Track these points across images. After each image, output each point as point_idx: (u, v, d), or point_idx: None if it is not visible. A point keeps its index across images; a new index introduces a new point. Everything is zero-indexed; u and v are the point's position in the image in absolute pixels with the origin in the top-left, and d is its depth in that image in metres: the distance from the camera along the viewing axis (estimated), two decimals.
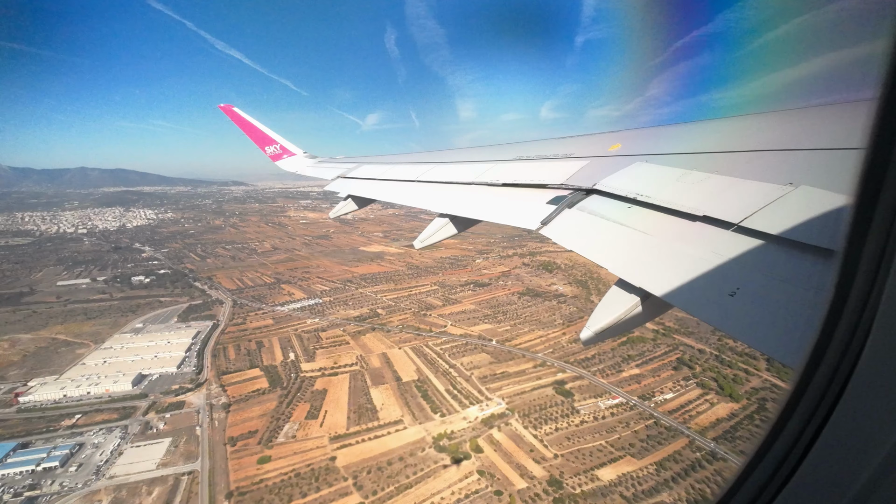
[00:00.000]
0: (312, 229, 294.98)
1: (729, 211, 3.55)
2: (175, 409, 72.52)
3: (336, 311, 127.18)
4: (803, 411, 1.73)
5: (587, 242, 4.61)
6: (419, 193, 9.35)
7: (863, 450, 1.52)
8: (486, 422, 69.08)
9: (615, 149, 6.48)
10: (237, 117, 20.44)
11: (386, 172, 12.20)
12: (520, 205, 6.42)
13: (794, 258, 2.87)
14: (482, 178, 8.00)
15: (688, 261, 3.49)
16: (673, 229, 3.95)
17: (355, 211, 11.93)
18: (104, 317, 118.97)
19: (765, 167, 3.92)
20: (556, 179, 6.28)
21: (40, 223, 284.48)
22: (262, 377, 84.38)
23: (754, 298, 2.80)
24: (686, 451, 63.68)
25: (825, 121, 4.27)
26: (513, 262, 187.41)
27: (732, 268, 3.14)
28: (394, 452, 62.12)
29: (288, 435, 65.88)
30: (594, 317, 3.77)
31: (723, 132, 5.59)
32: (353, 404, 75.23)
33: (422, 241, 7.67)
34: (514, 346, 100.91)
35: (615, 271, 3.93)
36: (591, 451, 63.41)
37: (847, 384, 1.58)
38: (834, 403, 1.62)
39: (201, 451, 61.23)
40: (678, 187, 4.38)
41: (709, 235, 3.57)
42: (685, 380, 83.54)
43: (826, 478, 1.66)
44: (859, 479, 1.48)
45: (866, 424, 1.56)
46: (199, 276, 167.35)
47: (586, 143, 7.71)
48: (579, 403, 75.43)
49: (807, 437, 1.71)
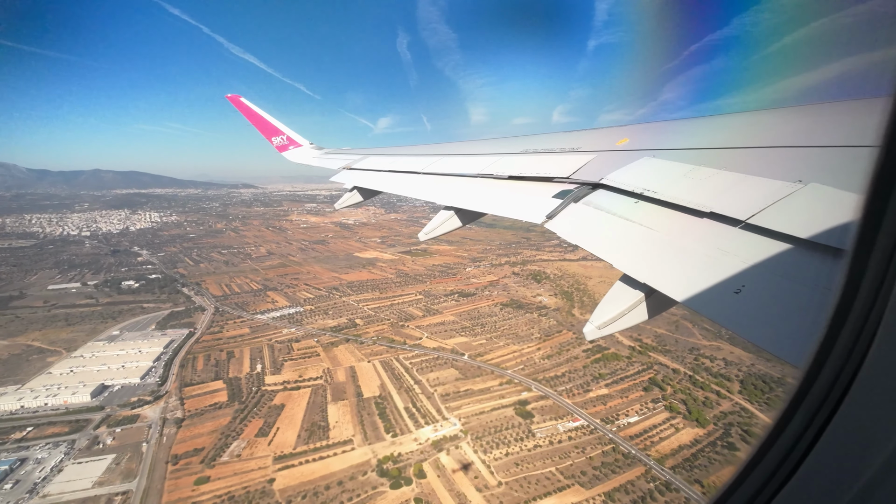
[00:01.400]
0: (312, 234, 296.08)
1: (736, 208, 3.52)
2: (128, 423, 72.18)
3: (315, 320, 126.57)
4: (806, 410, 1.73)
5: (592, 237, 4.60)
6: (424, 185, 9.29)
7: (864, 451, 1.50)
8: (436, 444, 67.29)
9: (623, 143, 6.45)
10: (244, 107, 20.55)
11: (391, 164, 12.08)
12: (525, 198, 6.36)
13: (802, 257, 2.85)
14: (488, 170, 7.93)
15: (693, 257, 3.49)
16: (679, 225, 3.94)
17: (361, 202, 11.84)
18: (84, 323, 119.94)
19: (774, 164, 3.88)
20: (562, 173, 6.26)
21: (46, 225, 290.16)
22: (224, 390, 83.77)
23: (760, 296, 2.81)
24: (640, 482, 61.08)
25: (836, 118, 4.23)
26: (503, 272, 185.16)
27: (738, 265, 3.10)
28: (335, 476, 60.70)
29: (233, 454, 64.94)
30: (598, 312, 3.77)
31: (732, 128, 5.55)
32: (307, 421, 74.09)
33: (426, 234, 7.61)
34: (485, 361, 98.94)
35: (620, 267, 3.89)
36: (539, 478, 61.15)
37: (851, 385, 1.57)
38: (837, 404, 1.61)
39: (141, 470, 60.59)
40: (685, 183, 4.35)
41: (715, 232, 3.55)
42: (654, 402, 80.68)
43: (827, 478, 1.66)
44: (860, 480, 1.47)
45: (869, 426, 1.55)
46: (189, 281, 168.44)
47: (593, 137, 7.62)
48: (537, 426, 73.17)
49: (809, 437, 1.71)
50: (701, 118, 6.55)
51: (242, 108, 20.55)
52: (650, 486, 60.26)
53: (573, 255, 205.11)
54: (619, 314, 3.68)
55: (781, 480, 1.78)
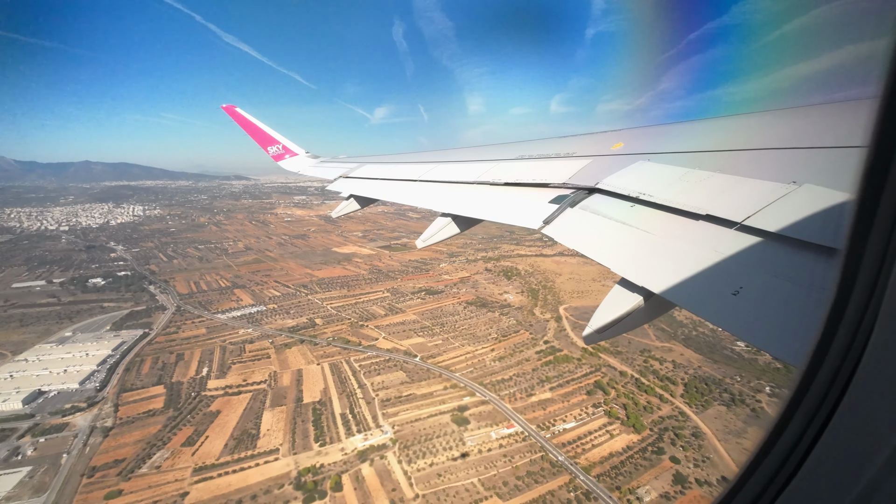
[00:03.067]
0: (294, 228, 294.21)
1: (732, 210, 3.55)
2: (54, 433, 71.06)
3: (274, 320, 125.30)
4: (805, 411, 1.74)
5: (589, 241, 4.62)
6: (421, 193, 9.35)
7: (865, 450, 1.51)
8: (362, 454, 66.29)
9: (617, 148, 6.49)
10: (240, 118, 20.66)
11: (388, 172, 12.27)
12: (522, 204, 6.41)
13: (798, 257, 2.89)
14: (484, 177, 8.06)
15: (690, 260, 3.50)
16: (675, 228, 3.97)
17: (357, 210, 11.91)
18: (39, 324, 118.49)
19: (768, 166, 3.92)
20: (558, 178, 6.30)
21: (25, 220, 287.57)
22: (162, 396, 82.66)
23: (757, 297, 2.82)
24: (561, 492, 60.26)
25: (829, 119, 4.28)
26: (476, 268, 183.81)
27: (735, 267, 3.16)
28: (251, 489, 59.73)
29: (154, 465, 63.91)
30: (596, 315, 3.80)
31: (726, 131, 5.59)
32: (238, 429, 73.06)
33: (424, 241, 7.69)
34: (436, 363, 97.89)
35: (617, 270, 3.92)
36: (458, 490, 60.26)
37: (849, 383, 1.58)
38: (836, 403, 1.62)
39: (54, 484, 59.56)
40: (681, 186, 4.39)
41: (712, 234, 3.58)
42: (595, 406, 79.75)
43: (828, 478, 1.66)
44: (861, 480, 1.47)
45: (869, 424, 1.55)
46: (158, 278, 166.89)
47: (589, 142, 7.73)
48: (470, 434, 72.21)
49: (809, 437, 1.72)
50: (695, 121, 6.67)
51: (238, 117, 20.70)
52: (570, 495, 59.47)
53: (550, 251, 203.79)
54: (617, 318, 3.68)
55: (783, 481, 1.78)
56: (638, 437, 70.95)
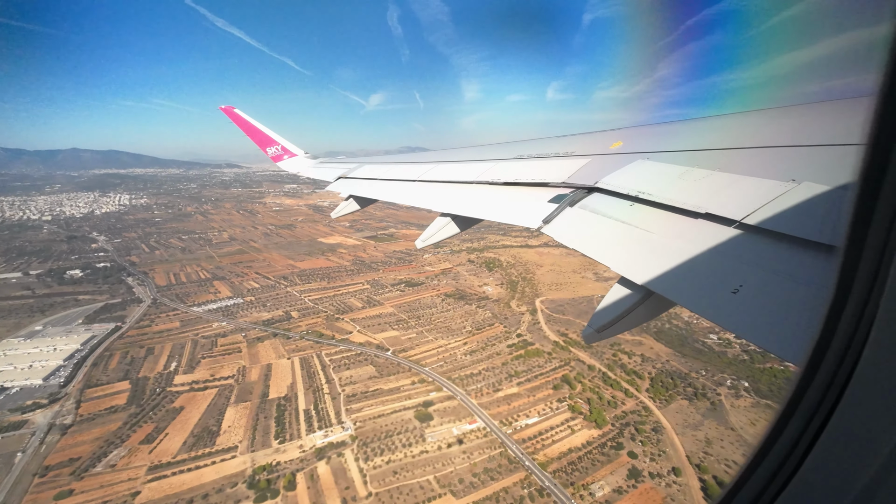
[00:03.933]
0: (282, 217, 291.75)
1: (731, 208, 3.56)
2: (12, 430, 70.44)
3: (250, 313, 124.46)
4: (805, 409, 1.74)
5: (589, 240, 4.59)
6: (421, 193, 9.33)
7: (865, 449, 1.51)
8: (320, 452, 66.04)
9: (616, 146, 6.51)
10: (238, 119, 20.56)
11: (387, 172, 12.26)
12: (521, 203, 6.39)
13: (797, 255, 2.88)
14: (483, 177, 8.10)
15: (690, 258, 3.50)
16: (675, 227, 3.97)
17: (357, 210, 11.89)
18: (9, 317, 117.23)
19: (767, 164, 3.91)
20: (557, 178, 6.30)
21: (7, 209, 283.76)
22: (126, 392, 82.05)
23: (757, 295, 2.83)
24: (515, 489, 60.39)
25: (827, 117, 4.28)
26: (460, 259, 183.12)
27: (735, 265, 3.15)
28: (204, 487, 59.47)
29: (109, 463, 63.52)
30: (596, 314, 3.80)
31: (724, 129, 5.60)
32: (199, 426, 72.66)
33: (423, 241, 7.73)
34: (408, 356, 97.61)
35: (617, 269, 3.90)
36: (412, 488, 60.24)
37: (849, 381, 1.58)
38: (836, 401, 1.62)
39: (4, 484, 59.09)
40: (680, 185, 4.38)
41: (711, 233, 3.58)
42: (559, 401, 79.78)
43: (828, 477, 1.66)
44: (862, 479, 1.47)
45: (869, 422, 1.55)
46: (138, 270, 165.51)
47: (588, 141, 7.76)
48: (432, 430, 72.09)
49: (809, 436, 1.72)
50: (694, 120, 6.70)
51: (236, 119, 20.58)
52: (524, 492, 59.62)
53: (535, 241, 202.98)
54: (617, 317, 3.67)
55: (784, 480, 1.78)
56: (599, 433, 71.12)
